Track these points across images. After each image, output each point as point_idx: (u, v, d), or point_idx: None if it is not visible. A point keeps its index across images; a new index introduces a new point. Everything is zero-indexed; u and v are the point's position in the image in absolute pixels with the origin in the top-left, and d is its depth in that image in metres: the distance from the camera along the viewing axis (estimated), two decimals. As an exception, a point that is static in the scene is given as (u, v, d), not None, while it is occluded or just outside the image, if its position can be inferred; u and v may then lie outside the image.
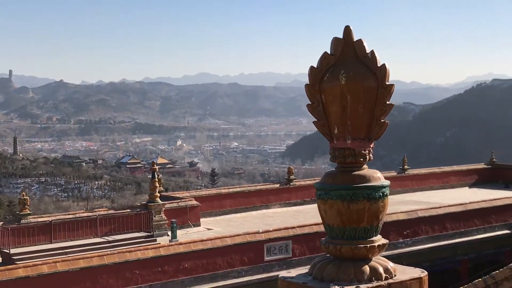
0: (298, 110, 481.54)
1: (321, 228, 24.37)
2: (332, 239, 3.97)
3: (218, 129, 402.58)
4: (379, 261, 3.89)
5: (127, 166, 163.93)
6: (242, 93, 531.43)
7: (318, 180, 4.09)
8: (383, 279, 3.80)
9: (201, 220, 31.17)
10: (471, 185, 42.95)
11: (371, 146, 4.03)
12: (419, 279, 3.83)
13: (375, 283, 3.77)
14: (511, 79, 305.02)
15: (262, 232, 25.02)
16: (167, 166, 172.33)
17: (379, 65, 3.88)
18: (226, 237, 24.39)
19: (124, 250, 22.65)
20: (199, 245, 23.43)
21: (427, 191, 40.78)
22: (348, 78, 3.82)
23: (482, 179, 43.52)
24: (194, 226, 30.23)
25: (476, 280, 14.61)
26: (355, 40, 3.88)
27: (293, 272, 3.99)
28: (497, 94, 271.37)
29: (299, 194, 36.46)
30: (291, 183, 36.49)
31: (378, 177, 3.93)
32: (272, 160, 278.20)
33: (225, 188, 37.53)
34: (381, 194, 3.90)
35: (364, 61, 3.87)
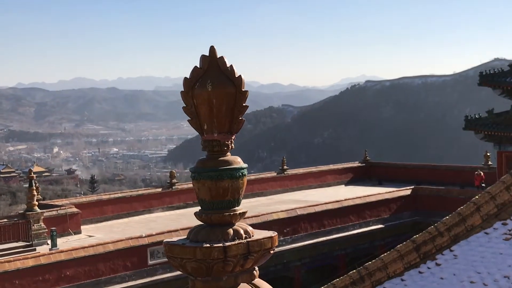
0: (179, 114, 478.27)
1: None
2: (205, 210, 5.07)
3: (97, 135, 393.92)
4: (241, 226, 5.06)
5: (1, 175, 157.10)
6: (121, 98, 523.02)
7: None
8: (243, 238, 4.93)
9: (82, 227, 30.67)
10: (347, 183, 44.68)
11: (233, 138, 5.14)
12: (271, 237, 5.01)
13: (237, 241, 4.89)
14: (383, 80, 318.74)
15: (145, 237, 25.01)
16: (43, 174, 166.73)
17: (236, 76, 5.09)
18: (109, 243, 24.19)
19: (2, 260, 21.95)
20: (81, 252, 23.12)
21: (306, 190, 42.07)
22: (213, 86, 4.97)
23: (357, 177, 45.40)
24: (75, 234, 29.69)
25: (351, 272, 15.43)
26: (218, 57, 5.08)
27: (175, 239, 5.04)
28: (370, 95, 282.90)
29: (181, 198, 36.61)
30: (173, 187, 36.59)
31: (238, 162, 5.09)
32: (154, 165, 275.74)
33: (106, 194, 37.00)
34: (240, 174, 5.06)
35: (225, 73, 5.06)
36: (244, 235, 4.97)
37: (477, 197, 15.05)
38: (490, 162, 40.17)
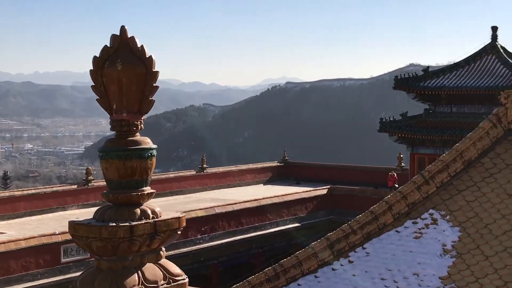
0: (97, 111, 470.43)
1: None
2: (112, 189, 5.03)
3: (10, 130, 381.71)
4: (149, 206, 5.05)
5: None
6: (37, 92, 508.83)
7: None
8: (151, 218, 4.93)
9: (-7, 224, 29.71)
10: (266, 182, 45.03)
11: (142, 118, 5.13)
12: (178, 218, 5.04)
13: (143, 221, 4.87)
14: (303, 82, 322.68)
15: (59, 234, 24.46)
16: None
17: (147, 56, 5.00)
18: (21, 239, 23.53)
19: None
20: (-9, 250, 22.37)
21: (225, 189, 42.12)
22: (123, 65, 4.91)
23: (276, 176, 45.82)
24: (-15, 231, 28.72)
25: (267, 269, 15.60)
26: (129, 36, 4.99)
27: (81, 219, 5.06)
28: (291, 96, 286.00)
29: (98, 195, 35.90)
30: (89, 184, 35.92)
31: (147, 142, 5.07)
32: (70, 162, 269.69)
33: (18, 190, 35.93)
34: (149, 154, 5.05)
35: (136, 53, 4.99)
36: (151, 215, 4.96)
37: (389, 196, 15.49)
38: (403, 164, 41.32)
